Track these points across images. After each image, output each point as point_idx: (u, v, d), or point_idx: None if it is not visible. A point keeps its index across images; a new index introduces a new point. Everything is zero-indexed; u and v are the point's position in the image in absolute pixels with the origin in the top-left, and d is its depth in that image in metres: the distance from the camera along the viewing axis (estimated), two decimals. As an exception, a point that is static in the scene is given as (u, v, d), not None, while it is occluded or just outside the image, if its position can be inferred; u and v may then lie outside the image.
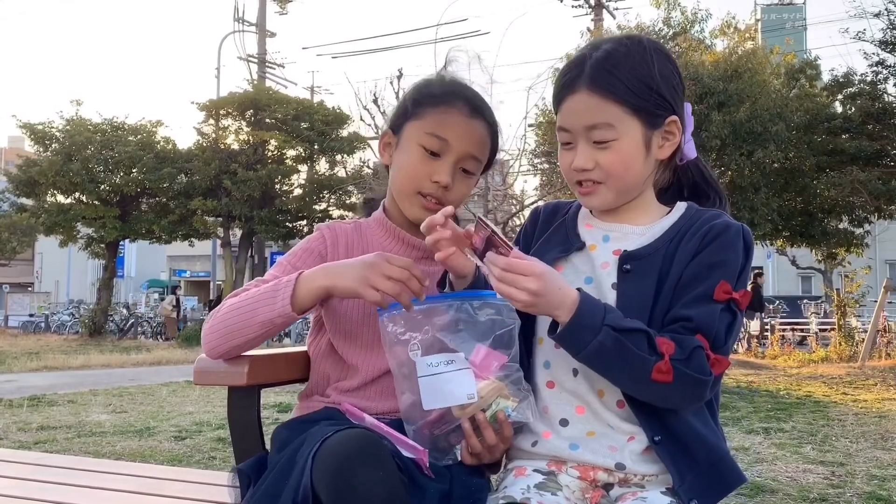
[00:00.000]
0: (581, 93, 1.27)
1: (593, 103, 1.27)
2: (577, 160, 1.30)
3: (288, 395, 6.91)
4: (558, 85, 1.32)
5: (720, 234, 1.27)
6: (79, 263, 39.39)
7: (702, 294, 1.22)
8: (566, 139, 1.32)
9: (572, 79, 1.29)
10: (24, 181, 20.43)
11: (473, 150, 1.45)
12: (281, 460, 1.23)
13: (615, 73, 1.26)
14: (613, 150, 1.28)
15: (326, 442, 1.11)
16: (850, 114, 14.38)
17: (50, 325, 25.94)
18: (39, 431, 5.50)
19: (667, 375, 1.15)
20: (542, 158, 14.43)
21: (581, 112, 1.28)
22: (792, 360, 12.59)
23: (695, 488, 1.22)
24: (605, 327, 1.16)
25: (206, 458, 4.56)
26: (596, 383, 1.28)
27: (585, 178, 1.31)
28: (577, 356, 1.20)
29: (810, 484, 3.93)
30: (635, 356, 1.16)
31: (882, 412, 6.62)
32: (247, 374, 1.39)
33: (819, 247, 15.46)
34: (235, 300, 1.39)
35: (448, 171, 1.43)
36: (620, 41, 1.32)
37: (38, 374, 10.70)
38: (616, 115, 1.27)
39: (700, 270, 1.24)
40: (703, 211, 1.35)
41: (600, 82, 1.26)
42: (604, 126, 1.27)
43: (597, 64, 1.28)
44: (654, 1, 14.93)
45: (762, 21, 32.29)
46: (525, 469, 1.31)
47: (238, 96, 21.06)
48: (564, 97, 1.30)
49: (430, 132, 1.43)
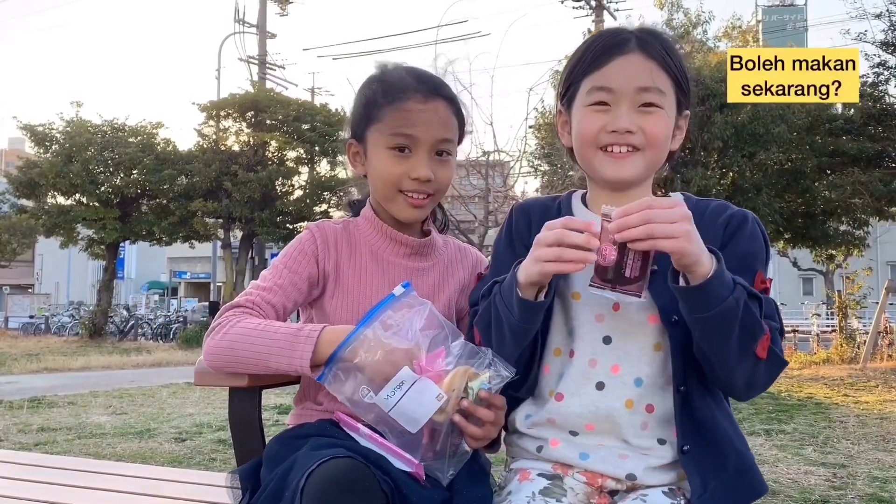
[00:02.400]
0: (636, 54, 1.26)
1: (649, 66, 1.26)
2: (621, 121, 1.25)
3: (289, 397, 6.90)
4: (602, 45, 1.29)
5: (742, 225, 1.26)
6: (79, 265, 39.40)
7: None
8: (603, 99, 1.27)
9: (623, 40, 1.28)
10: (24, 183, 20.42)
11: (442, 134, 1.41)
12: (270, 484, 1.22)
13: (666, 47, 1.28)
14: (659, 117, 1.26)
15: (314, 472, 1.11)
16: (851, 115, 14.36)
17: (50, 327, 25.93)
18: (39, 433, 5.50)
19: (764, 352, 1.14)
20: (542, 160, 14.43)
21: (635, 73, 1.26)
22: (793, 362, 12.59)
23: (717, 495, 1.20)
24: (738, 286, 1.10)
25: (207, 459, 4.56)
26: (625, 393, 1.24)
27: (623, 142, 1.26)
28: (708, 313, 1.09)
29: (812, 486, 3.92)
30: (755, 322, 1.12)
31: (884, 414, 6.61)
32: (247, 376, 1.38)
33: (820, 249, 15.44)
34: (249, 326, 1.33)
35: (424, 163, 1.40)
36: (654, 31, 1.33)
37: (39, 376, 10.69)
38: (666, 84, 1.27)
39: (734, 263, 1.19)
40: (704, 200, 1.33)
41: (656, 49, 1.27)
42: (656, 91, 1.26)
43: (648, 34, 1.29)
44: (657, 2, 14.95)
45: (763, 22, 32.30)
46: (529, 473, 1.28)
47: (239, 98, 21.05)
48: (612, 56, 1.27)
49: (394, 132, 1.40)
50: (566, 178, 10.99)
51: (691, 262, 1.08)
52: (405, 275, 1.46)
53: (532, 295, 1.19)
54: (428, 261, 1.50)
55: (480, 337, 1.30)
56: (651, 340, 1.26)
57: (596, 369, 1.27)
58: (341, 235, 1.49)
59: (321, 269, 1.46)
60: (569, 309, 1.30)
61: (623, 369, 1.26)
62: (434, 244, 1.52)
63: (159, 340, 21.13)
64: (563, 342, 1.31)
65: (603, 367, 1.26)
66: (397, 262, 1.49)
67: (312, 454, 1.18)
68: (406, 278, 1.43)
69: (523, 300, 1.18)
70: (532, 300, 1.19)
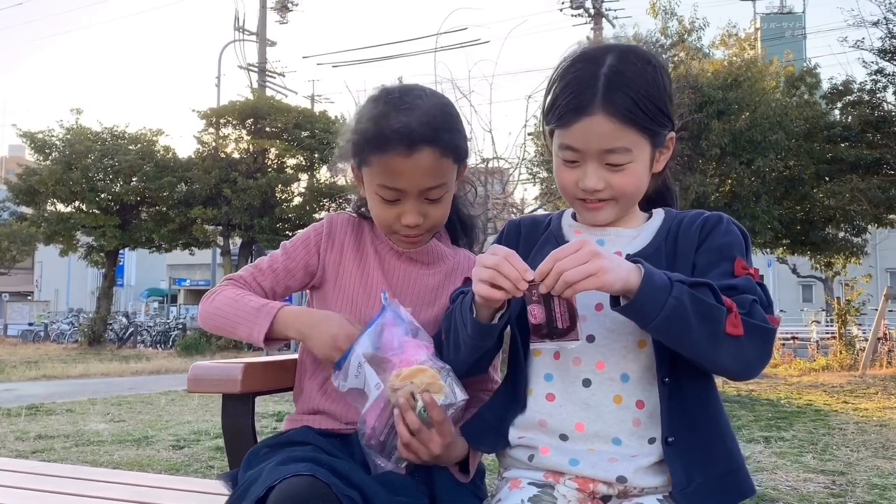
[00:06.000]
0: (597, 116, 1.23)
1: (611, 128, 1.23)
2: (588, 181, 1.27)
3: (286, 404, 6.89)
4: (565, 103, 1.25)
5: (717, 224, 1.30)
6: (78, 272, 39.40)
7: (725, 273, 1.22)
8: (572, 158, 1.28)
9: (585, 100, 1.23)
10: (24, 190, 20.44)
11: (428, 183, 1.40)
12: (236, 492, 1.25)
13: (631, 95, 1.23)
14: (627, 172, 1.27)
15: (275, 488, 1.15)
16: (849, 122, 14.39)
17: (49, 334, 25.91)
18: (37, 440, 5.49)
19: (738, 328, 1.13)
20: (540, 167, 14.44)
21: (597, 136, 1.24)
22: (793, 369, 12.58)
23: (702, 492, 1.19)
24: (675, 283, 1.12)
25: (205, 467, 4.55)
26: (612, 389, 1.26)
27: (594, 198, 1.29)
28: (653, 321, 1.12)
29: (811, 493, 3.91)
30: (709, 308, 1.12)
31: (883, 421, 6.60)
32: (240, 382, 1.39)
33: (819, 256, 15.45)
34: (229, 296, 1.46)
35: (414, 212, 1.42)
36: (626, 57, 1.27)
37: (37, 383, 10.68)
38: (633, 139, 1.25)
39: (712, 257, 1.25)
40: (684, 212, 1.37)
41: (618, 107, 1.22)
42: (622, 150, 1.25)
43: (611, 85, 1.23)
44: (651, 10, 14.99)
45: (762, 30, 32.41)
46: (520, 481, 1.29)
47: (238, 105, 21.08)
48: (576, 118, 1.24)
49: (381, 184, 1.41)
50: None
51: (620, 287, 1.12)
52: (405, 277, 1.50)
53: (487, 316, 1.23)
54: (432, 267, 1.51)
55: (444, 338, 1.34)
56: (635, 338, 1.27)
57: (580, 367, 1.28)
58: (351, 230, 1.54)
59: (322, 259, 1.51)
60: None
61: (608, 365, 1.27)
62: (435, 251, 1.54)
63: (158, 348, 21.11)
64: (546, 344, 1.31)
65: (587, 364, 1.28)
66: (399, 264, 1.51)
67: (277, 469, 1.21)
68: (406, 280, 1.48)
69: (475, 319, 1.23)
70: (485, 321, 1.23)
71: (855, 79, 14.94)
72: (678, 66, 13.89)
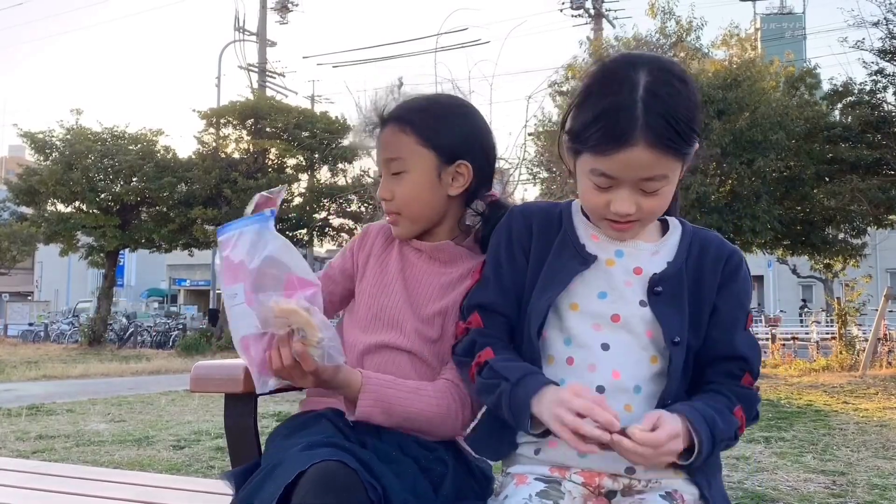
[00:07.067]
0: (638, 148, 1.19)
1: (652, 158, 1.20)
2: (622, 207, 1.25)
3: (287, 404, 6.89)
4: (603, 133, 1.20)
5: (738, 267, 1.36)
6: (78, 272, 39.39)
7: (741, 327, 1.33)
8: (606, 184, 1.25)
9: (625, 130, 1.18)
10: (24, 190, 20.45)
11: (385, 154, 1.50)
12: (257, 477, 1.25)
13: (671, 121, 1.19)
14: (660, 196, 1.26)
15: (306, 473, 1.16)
16: (849, 123, 14.38)
17: (49, 334, 25.91)
18: (38, 440, 5.49)
19: (742, 429, 1.30)
20: (540, 167, 14.45)
21: (637, 167, 1.21)
22: (793, 369, 12.58)
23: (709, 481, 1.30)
24: (717, 442, 1.24)
25: (205, 467, 4.55)
26: (624, 398, 1.27)
27: (623, 220, 1.28)
28: (700, 460, 1.25)
29: (811, 493, 3.91)
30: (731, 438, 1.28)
31: (883, 421, 6.60)
32: (243, 382, 1.39)
33: (819, 257, 15.44)
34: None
35: (382, 185, 1.51)
36: (659, 77, 1.22)
37: (37, 383, 10.68)
38: (670, 165, 1.23)
39: (734, 305, 1.34)
40: (700, 231, 1.40)
41: (660, 136, 1.19)
42: (659, 178, 1.23)
43: (650, 111, 1.18)
44: (649, 11, 14.98)
45: (762, 30, 32.41)
46: (526, 477, 1.29)
47: (238, 105, 21.09)
48: (616, 149, 1.20)
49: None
50: (565, 186, 11.02)
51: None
52: (420, 272, 1.51)
53: (540, 428, 1.26)
54: (451, 267, 1.52)
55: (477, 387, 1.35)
56: (648, 353, 1.29)
57: (595, 374, 1.28)
58: (383, 234, 1.59)
59: (354, 262, 1.59)
60: (566, 319, 1.32)
61: (623, 375, 1.28)
62: (450, 250, 1.53)
63: (158, 348, 21.11)
64: (560, 351, 1.32)
65: (602, 372, 1.28)
66: (418, 262, 1.53)
67: (303, 454, 1.21)
68: (421, 275, 1.50)
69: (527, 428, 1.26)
70: (537, 432, 1.26)
71: (855, 79, 14.94)
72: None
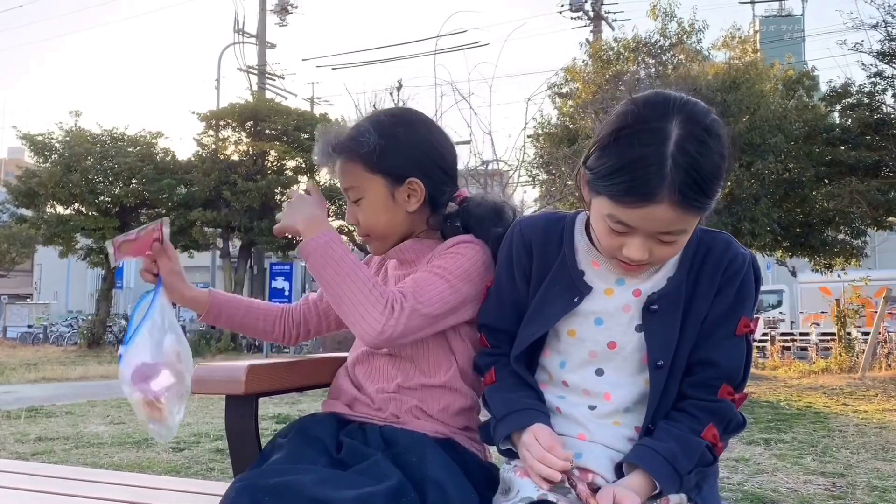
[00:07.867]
0: (662, 206, 1.14)
1: (674, 216, 1.16)
2: (634, 254, 1.21)
3: (287, 406, 6.89)
4: (628, 186, 1.15)
5: (739, 272, 1.29)
6: (78, 274, 39.35)
7: (727, 333, 1.28)
8: (622, 230, 1.21)
9: (651, 187, 1.13)
10: (23, 192, 20.45)
11: (342, 185, 1.54)
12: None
13: (700, 182, 1.14)
14: (675, 245, 1.23)
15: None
16: (848, 125, 14.39)
17: (48, 337, 25.88)
18: (37, 442, 5.48)
19: (720, 449, 1.28)
20: (540, 169, 14.45)
21: (658, 222, 1.17)
22: (792, 371, 12.58)
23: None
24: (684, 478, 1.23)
25: (205, 468, 4.54)
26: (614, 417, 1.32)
27: (636, 265, 1.25)
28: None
29: (811, 495, 3.91)
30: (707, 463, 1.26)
31: (883, 423, 6.60)
32: (244, 383, 1.39)
33: (819, 258, 15.44)
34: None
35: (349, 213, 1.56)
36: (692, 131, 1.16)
37: (37, 386, 10.67)
38: (692, 221, 1.20)
39: (725, 310, 1.28)
40: (709, 233, 1.33)
41: (686, 198, 1.14)
42: (678, 232, 1.20)
43: (679, 169, 1.13)
44: (650, 13, 14.97)
45: (761, 32, 32.45)
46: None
47: (238, 107, 21.12)
48: (638, 205, 1.15)
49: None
50: (564, 188, 11.01)
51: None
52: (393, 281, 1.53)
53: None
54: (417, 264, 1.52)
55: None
56: (643, 376, 1.31)
57: (588, 397, 1.33)
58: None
59: None
60: (563, 344, 1.35)
61: (615, 398, 1.32)
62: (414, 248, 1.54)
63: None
64: (557, 373, 1.37)
65: (595, 396, 1.33)
66: (392, 272, 1.57)
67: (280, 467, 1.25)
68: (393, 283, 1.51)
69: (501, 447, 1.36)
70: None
71: (854, 81, 14.92)
72: (677, 67, 13.89)
